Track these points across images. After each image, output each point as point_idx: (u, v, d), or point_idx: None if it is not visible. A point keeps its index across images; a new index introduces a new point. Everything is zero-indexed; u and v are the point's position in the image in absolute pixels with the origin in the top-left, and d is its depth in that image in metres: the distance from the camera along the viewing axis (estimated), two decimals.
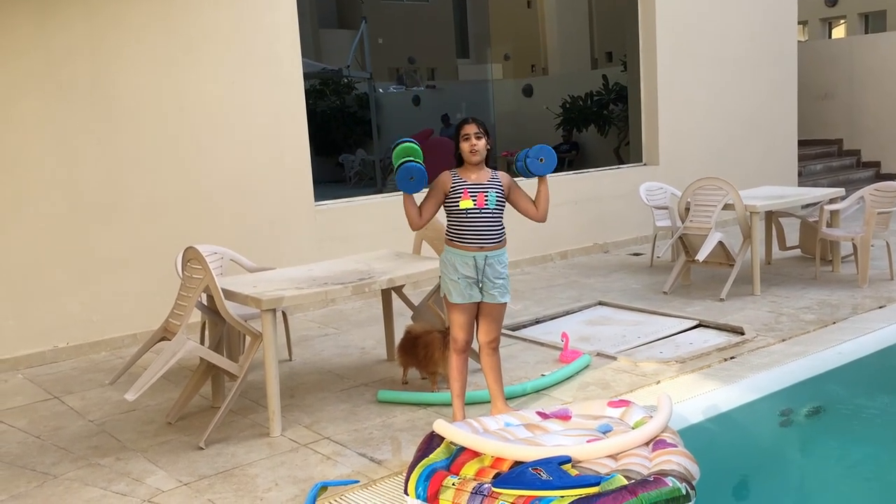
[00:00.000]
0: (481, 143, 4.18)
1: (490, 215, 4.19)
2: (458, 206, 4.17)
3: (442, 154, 5.44)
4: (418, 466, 3.52)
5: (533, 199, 4.38)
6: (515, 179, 4.44)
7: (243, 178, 6.93)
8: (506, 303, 4.34)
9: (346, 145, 18.01)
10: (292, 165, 7.22)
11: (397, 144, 4.19)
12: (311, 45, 19.24)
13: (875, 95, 13.72)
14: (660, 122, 9.99)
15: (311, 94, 17.08)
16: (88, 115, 6.20)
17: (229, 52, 6.78)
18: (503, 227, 4.28)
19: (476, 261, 4.20)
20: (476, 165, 4.22)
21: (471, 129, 4.18)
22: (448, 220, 4.25)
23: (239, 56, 6.83)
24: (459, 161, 4.25)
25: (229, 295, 4.56)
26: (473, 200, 4.16)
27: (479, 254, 4.20)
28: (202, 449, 4.31)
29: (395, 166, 4.12)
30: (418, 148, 4.17)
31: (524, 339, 6.07)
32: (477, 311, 4.34)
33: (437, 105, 17.78)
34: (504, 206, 4.27)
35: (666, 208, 8.26)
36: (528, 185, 4.54)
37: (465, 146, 4.18)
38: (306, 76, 8.22)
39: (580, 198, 9.41)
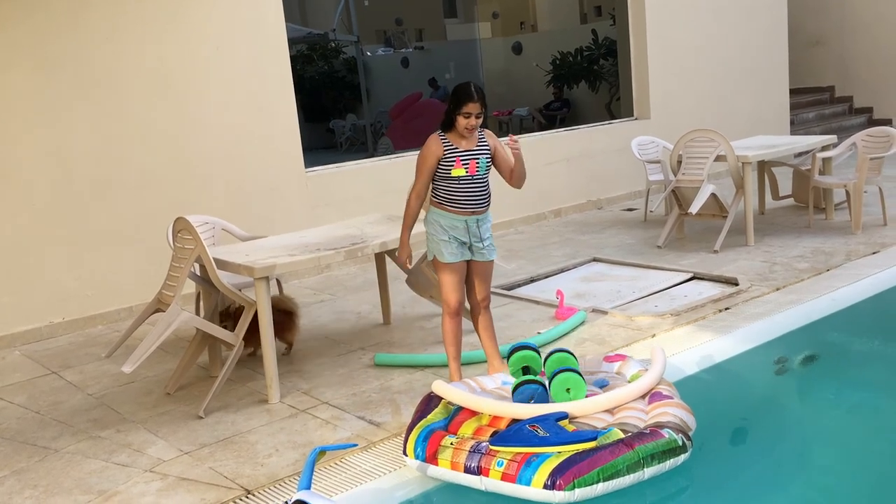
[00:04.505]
0: (479, 122, 4.12)
1: (480, 180, 4.21)
2: (449, 173, 4.14)
3: (430, 117, 5.40)
4: (417, 427, 3.55)
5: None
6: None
7: (232, 146, 6.87)
8: (493, 260, 4.39)
9: (335, 111, 17.88)
10: (281, 132, 7.16)
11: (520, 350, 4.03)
12: (295, 9, 18.99)
13: (867, 40, 13.60)
14: (650, 76, 9.91)
15: (298, 59, 16.93)
16: (75, 88, 6.12)
17: (212, 19, 6.69)
18: (489, 188, 4.29)
19: (467, 224, 4.22)
20: None
21: (474, 108, 4.05)
22: (437, 184, 4.22)
23: (222, 23, 6.74)
24: (448, 123, 4.15)
25: (222, 264, 4.55)
26: (465, 168, 4.15)
27: (470, 217, 4.21)
28: (202, 418, 4.33)
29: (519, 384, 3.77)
30: (539, 357, 4.01)
31: (519, 298, 6.08)
32: (467, 273, 4.36)
33: (426, 67, 17.62)
34: (491, 165, 4.28)
35: (658, 162, 8.23)
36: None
37: (462, 122, 4.08)
38: (292, 41, 8.14)
39: (572, 155, 9.37)
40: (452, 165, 4.13)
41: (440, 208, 4.23)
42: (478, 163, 4.17)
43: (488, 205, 4.28)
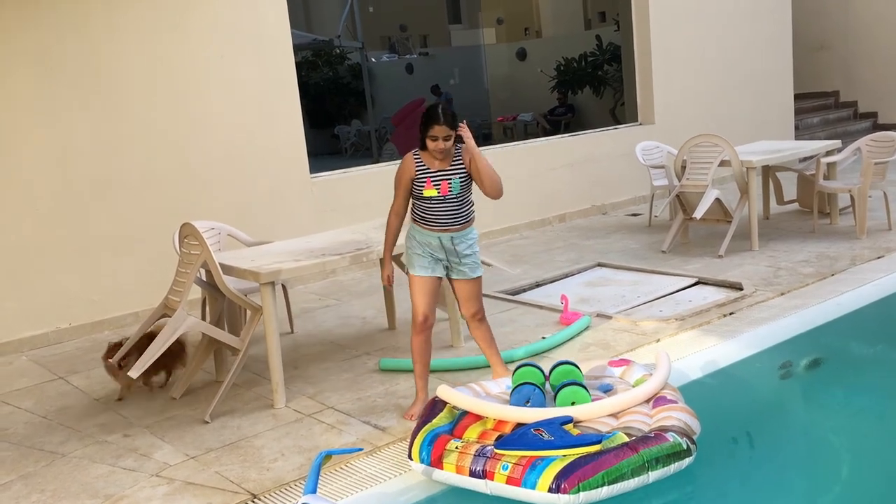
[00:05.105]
0: (448, 144, 3.99)
1: (454, 200, 4.10)
2: (421, 193, 4.08)
3: None
4: (422, 431, 3.56)
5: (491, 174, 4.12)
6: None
7: (238, 152, 6.90)
8: (479, 276, 4.28)
9: (340, 116, 17.93)
10: (286, 138, 7.19)
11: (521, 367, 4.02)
12: (300, 15, 19.05)
13: (871, 45, 13.60)
14: (654, 81, 9.93)
15: (303, 65, 16.99)
16: (79, 92, 6.16)
17: (217, 25, 6.73)
18: (470, 207, 4.19)
19: (441, 241, 4.14)
20: None
21: (440, 131, 3.95)
22: (413, 201, 4.17)
23: (227, 29, 6.78)
24: (424, 144, 4.05)
25: (228, 269, 4.57)
26: (437, 189, 4.06)
27: (443, 234, 4.13)
28: (208, 423, 4.35)
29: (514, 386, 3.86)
30: (540, 373, 3.98)
31: (524, 303, 6.09)
32: (454, 291, 4.33)
33: (431, 72, 17.65)
34: (470, 184, 4.15)
35: (662, 167, 8.24)
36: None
37: (430, 145, 4.01)
38: (297, 48, 8.17)
39: (577, 160, 9.38)
40: (423, 185, 4.06)
41: (416, 224, 4.18)
42: (450, 184, 4.06)
43: (466, 222, 4.16)
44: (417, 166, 4.08)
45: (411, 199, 4.18)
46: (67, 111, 6.13)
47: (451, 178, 4.08)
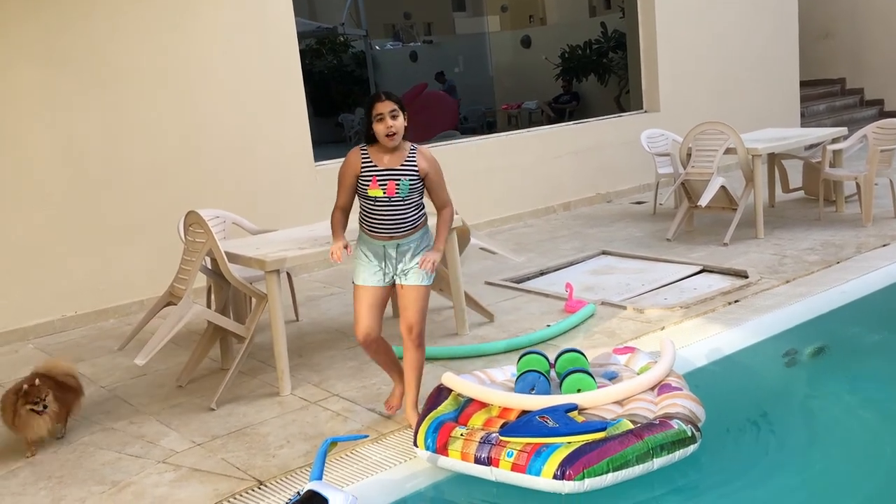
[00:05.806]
0: (398, 123, 3.65)
1: (401, 203, 3.72)
2: (366, 192, 3.73)
3: (437, 110, 5.34)
4: (427, 419, 3.57)
5: (446, 198, 3.89)
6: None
7: (242, 141, 6.90)
8: (424, 286, 3.85)
9: (344, 105, 17.90)
10: (291, 126, 7.19)
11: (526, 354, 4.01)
12: (304, 3, 19.01)
13: (877, 33, 13.54)
14: (659, 68, 9.89)
15: (307, 53, 16.96)
16: (85, 82, 6.16)
17: (221, 14, 6.71)
18: (420, 212, 3.83)
19: (385, 249, 3.79)
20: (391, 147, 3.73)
21: (384, 107, 3.61)
22: (359, 200, 3.84)
23: (232, 18, 6.77)
24: (371, 138, 3.72)
25: (233, 258, 4.59)
26: (383, 189, 3.69)
27: (388, 242, 3.77)
28: (213, 410, 4.37)
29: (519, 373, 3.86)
30: (545, 360, 3.97)
31: (529, 291, 6.09)
32: (392, 298, 4.07)
33: (435, 60, 17.62)
34: (421, 188, 3.80)
35: (667, 155, 8.22)
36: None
37: (379, 128, 3.63)
38: (301, 36, 8.16)
39: (581, 148, 9.36)
40: (368, 184, 3.71)
41: (360, 228, 3.86)
42: (398, 185, 3.68)
43: (413, 228, 3.79)
44: (364, 161, 3.73)
45: (359, 200, 3.85)
46: (74, 104, 6.13)
47: (399, 179, 3.70)
